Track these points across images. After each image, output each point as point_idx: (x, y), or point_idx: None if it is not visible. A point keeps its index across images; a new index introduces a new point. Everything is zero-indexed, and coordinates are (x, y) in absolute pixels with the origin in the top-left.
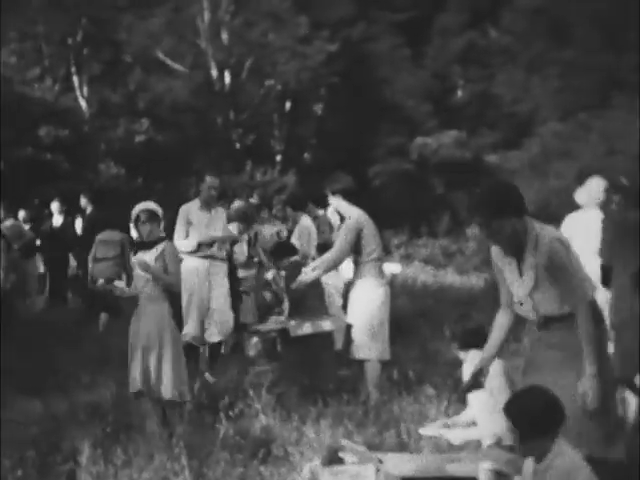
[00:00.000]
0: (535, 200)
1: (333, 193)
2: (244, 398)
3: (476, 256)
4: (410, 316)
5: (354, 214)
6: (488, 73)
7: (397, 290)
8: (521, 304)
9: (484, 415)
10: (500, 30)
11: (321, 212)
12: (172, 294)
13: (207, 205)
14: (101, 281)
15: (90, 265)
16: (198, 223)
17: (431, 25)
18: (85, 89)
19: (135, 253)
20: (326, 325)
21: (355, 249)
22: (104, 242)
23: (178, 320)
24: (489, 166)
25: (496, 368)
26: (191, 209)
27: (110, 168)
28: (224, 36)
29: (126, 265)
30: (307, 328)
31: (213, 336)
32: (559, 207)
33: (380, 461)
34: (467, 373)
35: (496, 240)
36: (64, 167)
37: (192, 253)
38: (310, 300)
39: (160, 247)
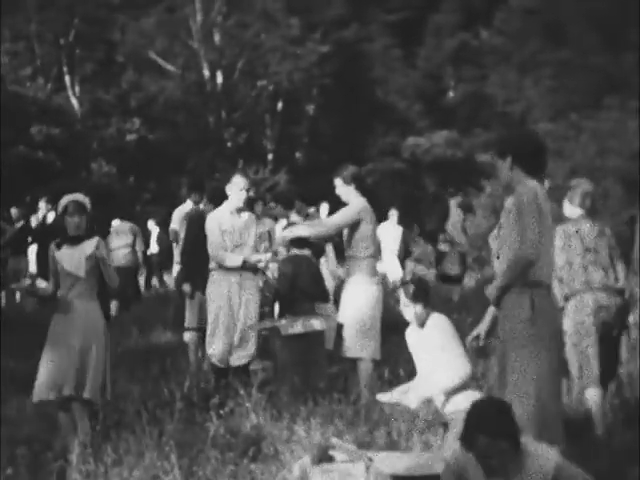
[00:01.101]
0: None
1: (346, 182)
2: (235, 397)
3: (468, 256)
4: (401, 315)
5: (361, 203)
6: (481, 73)
7: (389, 288)
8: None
9: (437, 371)
10: (493, 31)
11: (311, 210)
12: (102, 292)
13: (239, 209)
14: (28, 281)
15: None
16: (231, 230)
17: (424, 26)
18: (77, 88)
19: (59, 248)
20: (317, 324)
21: (349, 243)
22: (116, 232)
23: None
24: (481, 165)
25: (442, 323)
26: (222, 217)
27: (102, 167)
28: (217, 37)
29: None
30: (298, 327)
31: (240, 359)
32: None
33: (370, 459)
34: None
35: (494, 178)
36: (56, 166)
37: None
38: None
39: (92, 244)
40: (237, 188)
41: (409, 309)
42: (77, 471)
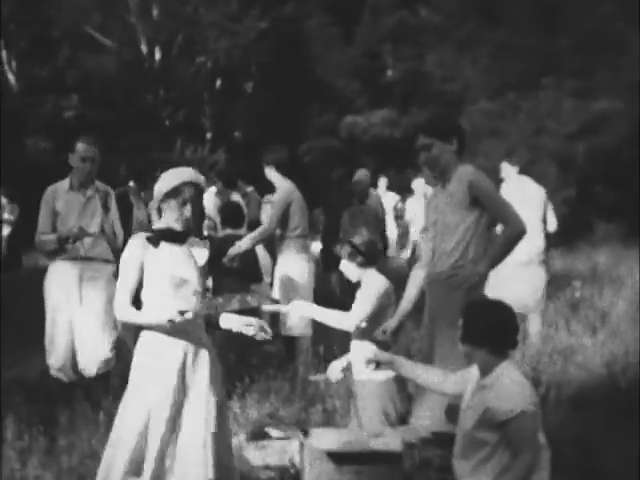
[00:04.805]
0: None
1: (267, 163)
2: None
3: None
4: (337, 292)
5: (285, 187)
6: (418, 52)
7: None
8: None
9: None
10: (431, 9)
11: (250, 189)
12: None
13: (80, 185)
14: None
15: None
16: (65, 210)
17: (362, 3)
18: (14, 64)
19: (155, 244)
20: (253, 301)
21: (281, 224)
22: None
23: None
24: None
25: (372, 283)
26: (58, 191)
27: (38, 143)
28: (155, 12)
29: None
30: (234, 304)
31: (87, 369)
32: None
33: (305, 434)
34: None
35: (427, 164)
36: None
37: (54, 253)
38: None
39: (203, 251)
40: (77, 158)
41: (347, 267)
42: (11, 448)
